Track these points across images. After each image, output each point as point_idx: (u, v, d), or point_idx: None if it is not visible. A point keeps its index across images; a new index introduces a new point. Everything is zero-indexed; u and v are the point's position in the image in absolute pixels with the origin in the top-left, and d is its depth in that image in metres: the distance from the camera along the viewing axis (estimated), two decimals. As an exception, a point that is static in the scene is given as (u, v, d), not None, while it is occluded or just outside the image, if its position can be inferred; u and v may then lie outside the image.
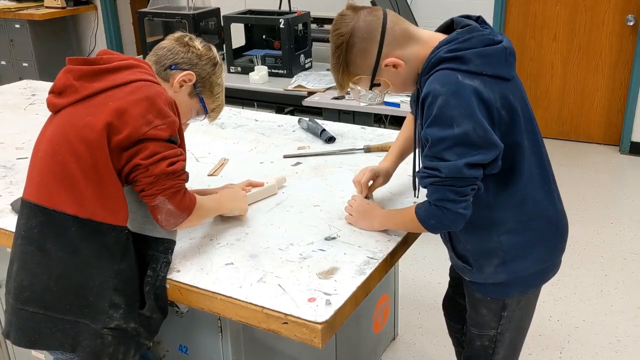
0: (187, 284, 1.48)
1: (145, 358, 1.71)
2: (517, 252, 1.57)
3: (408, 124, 1.89)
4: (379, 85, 1.53)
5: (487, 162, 1.42)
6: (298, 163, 2.20)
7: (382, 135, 2.46)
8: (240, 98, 4.47)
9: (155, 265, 1.50)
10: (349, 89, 1.60)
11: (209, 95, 1.68)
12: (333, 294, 1.42)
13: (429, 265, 3.23)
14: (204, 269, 1.54)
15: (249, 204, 1.85)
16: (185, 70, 1.60)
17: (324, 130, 2.44)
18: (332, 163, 2.19)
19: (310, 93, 3.93)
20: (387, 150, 2.27)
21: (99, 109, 1.40)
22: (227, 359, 1.68)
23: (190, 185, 1.55)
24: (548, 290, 2.97)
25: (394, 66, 1.49)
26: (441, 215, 1.47)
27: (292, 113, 5.78)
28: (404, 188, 1.94)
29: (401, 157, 1.89)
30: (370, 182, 1.83)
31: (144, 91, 1.43)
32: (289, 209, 1.85)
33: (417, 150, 1.62)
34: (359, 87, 1.58)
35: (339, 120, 3.67)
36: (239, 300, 1.41)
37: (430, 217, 1.50)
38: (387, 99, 3.51)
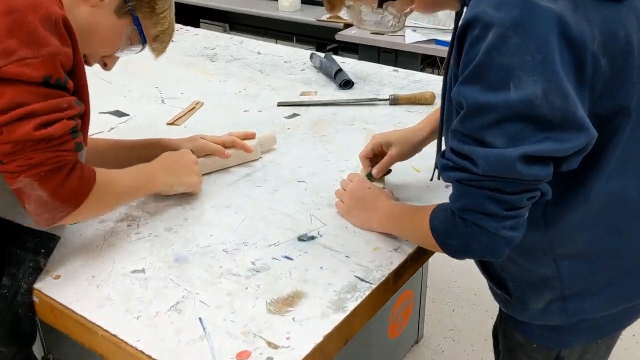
0: (60, 303, 0.94)
1: None
2: (585, 285, 0.96)
3: None
4: None
5: (563, 154, 0.79)
6: (295, 115, 1.60)
7: (420, 81, 1.81)
8: (264, 28, 3.84)
9: (17, 270, 0.97)
10: (344, 7, 0.98)
11: (148, 14, 1.07)
12: (283, 348, 0.85)
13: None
14: (96, 277, 0.99)
15: (212, 172, 1.28)
16: None
17: (340, 70, 1.81)
18: (341, 118, 1.58)
19: (348, 26, 3.27)
20: (422, 104, 1.63)
21: None
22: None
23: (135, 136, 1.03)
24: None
25: None
26: (470, 235, 0.86)
27: (321, 50, 5.14)
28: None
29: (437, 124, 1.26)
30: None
31: (6, 1, 0.85)
32: (261, 184, 1.27)
33: (443, 116, 0.99)
34: (360, 4, 0.95)
35: (378, 60, 3.01)
36: (128, 344, 0.86)
37: (451, 235, 0.90)
38: (436, 35, 2.82)
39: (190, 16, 4.84)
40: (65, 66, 0.89)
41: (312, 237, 1.09)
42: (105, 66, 1.11)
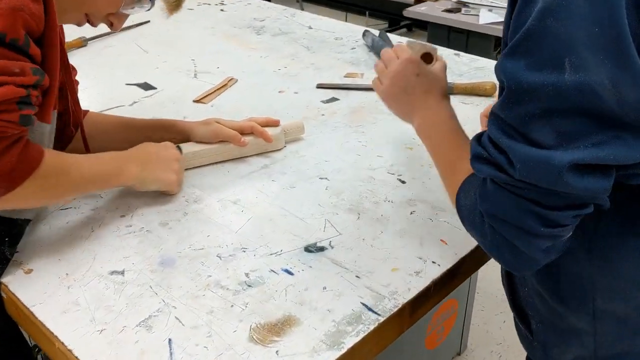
0: (23, 303, 0.83)
1: None
2: (623, 349, 0.75)
3: None
4: None
5: (632, 162, 0.59)
6: (333, 99, 1.43)
7: (483, 68, 1.59)
8: (336, 0, 3.65)
9: (-19, 259, 0.86)
10: None
11: None
12: (256, 388, 0.70)
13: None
14: (70, 276, 0.87)
15: (226, 160, 1.14)
16: None
17: (392, 51, 1.61)
18: (384, 106, 1.39)
19: (420, 1, 3.04)
20: (480, 95, 1.43)
21: None
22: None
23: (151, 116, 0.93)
24: None
25: None
26: (493, 243, 0.69)
27: (393, 27, 4.86)
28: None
29: None
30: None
31: None
32: (277, 177, 1.12)
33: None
34: None
35: (448, 42, 2.77)
36: (80, 362, 0.74)
37: (473, 227, 0.73)
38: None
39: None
40: (30, 27, 0.76)
41: (322, 249, 0.93)
42: (112, 26, 0.98)
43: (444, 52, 1.70)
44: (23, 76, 0.76)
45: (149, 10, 1.04)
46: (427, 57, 0.95)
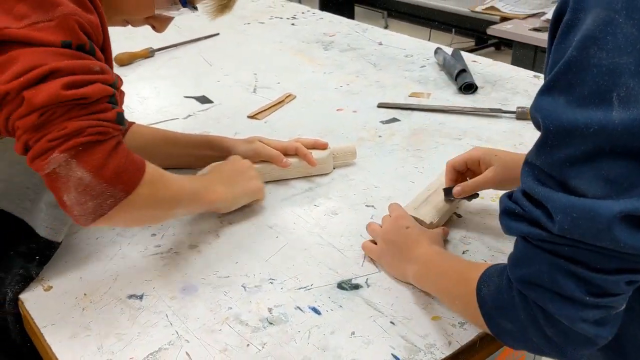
0: (36, 325, 0.80)
1: None
2: None
3: None
4: None
5: None
6: (394, 120, 1.33)
7: (565, 92, 1.44)
8: (408, 14, 3.54)
9: (5, 274, 0.84)
10: None
11: None
12: None
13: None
14: (87, 297, 0.83)
15: (269, 181, 1.08)
16: None
17: (463, 70, 1.50)
18: (448, 129, 1.28)
19: (505, 19, 2.88)
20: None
21: None
22: None
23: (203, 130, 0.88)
24: None
25: None
26: (531, 321, 0.57)
27: (480, 46, 4.65)
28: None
29: None
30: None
31: None
32: (320, 202, 1.04)
33: None
34: None
35: (534, 64, 2.60)
36: (77, 395, 0.69)
37: (504, 314, 0.61)
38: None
39: (345, 0, 4.70)
40: (88, 31, 0.73)
41: (356, 286, 0.84)
42: (154, 28, 0.94)
43: (521, 74, 1.57)
44: (105, 74, 0.73)
45: (192, 12, 0.97)
46: (448, 193, 0.94)
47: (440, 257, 0.80)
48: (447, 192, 0.94)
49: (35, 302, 0.82)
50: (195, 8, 0.92)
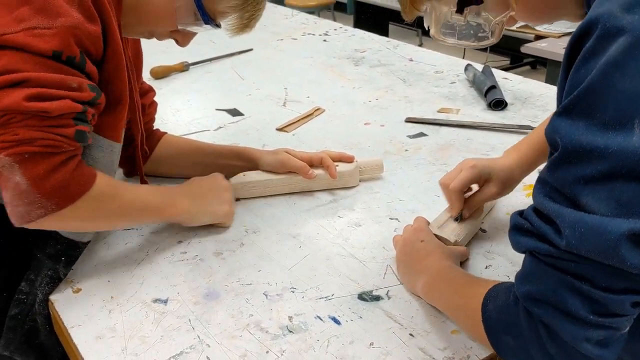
0: (64, 325, 0.82)
1: None
2: None
3: None
4: (478, 0, 0.66)
5: None
6: (421, 134, 1.34)
7: (597, 110, 1.42)
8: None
9: (35, 276, 0.87)
10: (422, 9, 0.72)
11: None
12: None
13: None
14: (114, 299, 0.85)
15: (300, 191, 1.09)
16: None
17: (493, 87, 1.50)
18: (475, 145, 1.28)
19: (539, 37, 2.86)
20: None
21: None
22: None
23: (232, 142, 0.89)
24: None
25: None
26: (534, 338, 0.57)
27: (515, 64, 4.60)
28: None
29: (544, 151, 0.95)
30: (472, 190, 0.96)
31: None
32: (344, 214, 1.05)
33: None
34: (440, 6, 0.70)
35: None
36: (100, 394, 0.71)
37: (507, 330, 0.61)
38: None
39: (379, 18, 4.73)
40: (85, 46, 0.76)
41: (377, 298, 0.84)
42: (178, 42, 0.97)
43: (551, 92, 1.56)
44: (80, 92, 0.76)
45: (212, 29, 0.98)
46: (460, 220, 0.95)
47: (449, 271, 0.81)
48: (459, 218, 0.94)
49: (65, 303, 0.85)
50: (219, 25, 0.94)
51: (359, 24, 4.71)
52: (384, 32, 4.39)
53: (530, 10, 0.65)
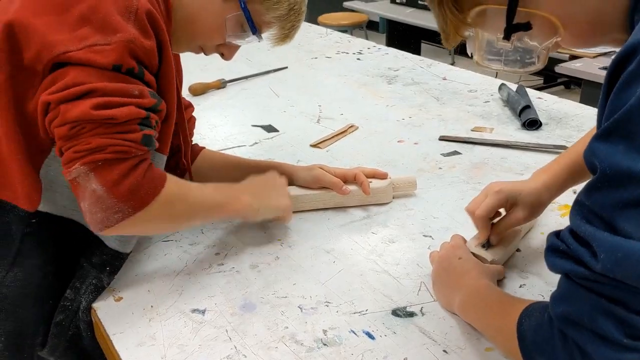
0: (106, 332, 0.85)
1: None
2: None
3: None
4: (526, 27, 0.65)
5: None
6: (455, 153, 1.35)
7: (634, 131, 1.41)
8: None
9: (80, 284, 0.90)
10: (465, 35, 0.73)
11: None
12: None
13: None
14: (154, 309, 0.88)
15: (334, 207, 1.11)
16: None
17: (527, 107, 1.50)
18: (509, 164, 1.28)
19: (574, 57, 2.84)
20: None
21: None
22: None
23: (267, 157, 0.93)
24: None
25: None
26: (570, 359, 0.57)
27: (547, 87, 4.55)
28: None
29: (575, 173, 0.94)
30: (500, 214, 0.96)
31: None
32: (378, 230, 1.06)
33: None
34: (485, 33, 0.71)
35: (603, 100, 2.54)
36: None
37: (541, 349, 0.61)
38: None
39: (411, 37, 4.75)
40: (141, 57, 0.79)
41: (411, 314, 0.85)
42: (223, 56, 1.00)
43: (586, 112, 1.55)
44: (142, 98, 0.79)
45: (258, 41, 1.02)
46: (487, 246, 0.94)
47: (486, 290, 0.81)
48: (486, 244, 0.94)
49: (107, 311, 0.88)
50: (261, 37, 0.98)
51: (391, 42, 4.73)
52: (416, 50, 4.41)
53: (577, 36, 0.66)
